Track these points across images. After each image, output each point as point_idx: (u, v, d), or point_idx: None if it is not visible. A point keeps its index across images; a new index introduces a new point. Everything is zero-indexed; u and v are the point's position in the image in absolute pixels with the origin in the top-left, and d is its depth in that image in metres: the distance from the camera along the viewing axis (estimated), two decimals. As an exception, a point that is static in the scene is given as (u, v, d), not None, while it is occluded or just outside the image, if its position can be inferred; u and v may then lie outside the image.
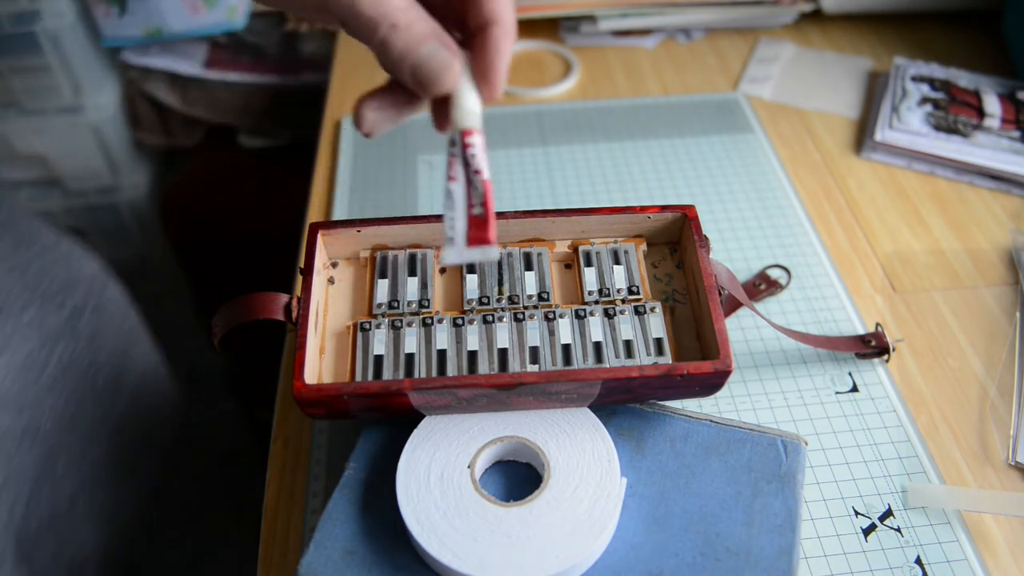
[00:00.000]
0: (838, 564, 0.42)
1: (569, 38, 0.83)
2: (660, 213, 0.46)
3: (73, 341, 0.52)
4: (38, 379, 0.49)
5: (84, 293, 0.55)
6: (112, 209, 1.02)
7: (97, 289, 0.57)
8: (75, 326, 0.53)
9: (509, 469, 0.42)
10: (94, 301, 0.56)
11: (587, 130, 0.71)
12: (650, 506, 0.40)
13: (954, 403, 0.50)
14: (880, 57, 0.79)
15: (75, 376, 0.52)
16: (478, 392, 0.40)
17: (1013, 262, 0.59)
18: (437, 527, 0.38)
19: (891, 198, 0.64)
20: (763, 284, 0.57)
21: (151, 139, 1.01)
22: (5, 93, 0.90)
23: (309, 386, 0.39)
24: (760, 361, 0.52)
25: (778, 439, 0.43)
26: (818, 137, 0.71)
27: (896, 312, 0.56)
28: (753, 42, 0.82)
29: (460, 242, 0.32)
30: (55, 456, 0.52)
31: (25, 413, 0.47)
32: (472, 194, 0.32)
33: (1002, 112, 0.67)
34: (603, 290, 0.45)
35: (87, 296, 0.55)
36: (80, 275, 0.55)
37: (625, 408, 0.44)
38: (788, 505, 0.40)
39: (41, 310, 0.50)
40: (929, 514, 0.44)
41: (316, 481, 0.47)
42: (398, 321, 0.44)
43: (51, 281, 0.52)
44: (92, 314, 0.55)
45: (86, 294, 0.55)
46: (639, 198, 0.64)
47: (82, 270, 0.56)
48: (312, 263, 0.43)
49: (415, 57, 0.31)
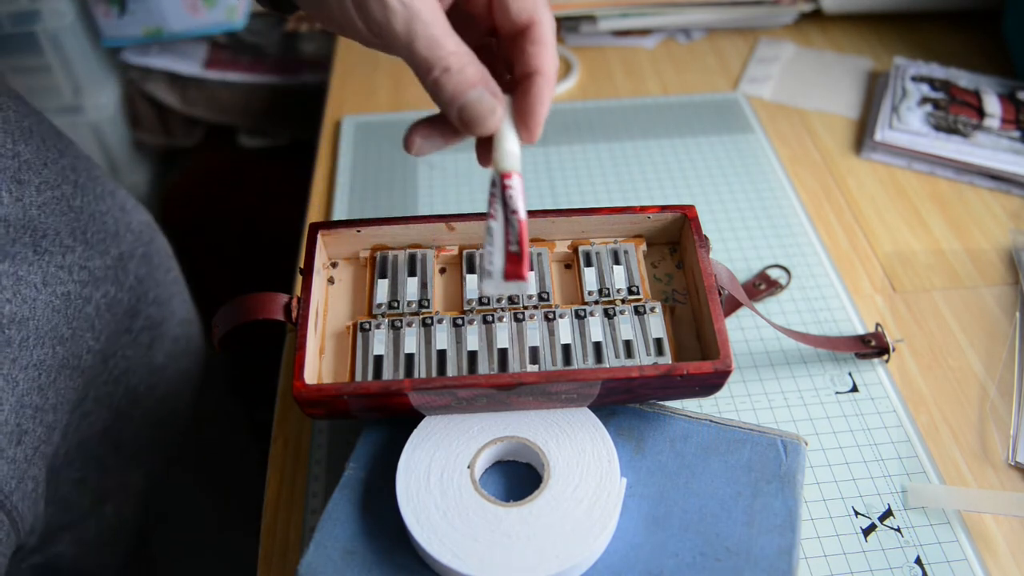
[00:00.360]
0: (838, 564, 0.42)
1: (569, 38, 0.83)
2: (660, 213, 0.46)
3: (116, 285, 0.55)
4: (76, 317, 0.51)
5: (133, 240, 0.58)
6: (112, 209, 1.02)
7: (146, 238, 0.60)
8: (121, 271, 0.56)
9: (509, 469, 0.42)
10: (142, 249, 0.59)
11: (587, 130, 0.71)
12: (650, 506, 0.40)
13: (954, 403, 0.50)
14: (880, 57, 0.79)
15: (115, 318, 0.55)
16: (478, 392, 0.40)
17: (1013, 262, 0.59)
18: (437, 527, 0.38)
19: (891, 198, 0.64)
20: (763, 284, 0.57)
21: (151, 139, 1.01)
22: (5, 93, 0.90)
23: (309, 386, 0.39)
24: (760, 361, 0.52)
25: (778, 439, 0.43)
26: (818, 137, 0.71)
27: (896, 312, 0.56)
28: (753, 42, 0.82)
29: (497, 276, 0.35)
30: (88, 388, 0.54)
31: (61, 348, 0.50)
32: (509, 232, 0.34)
33: (1002, 112, 0.67)
34: (603, 290, 0.45)
35: (135, 244, 0.58)
36: (131, 223, 0.58)
37: (625, 408, 0.44)
38: (788, 505, 0.40)
39: (85, 254, 0.52)
40: (929, 514, 0.44)
41: (316, 481, 0.47)
42: (398, 321, 0.44)
43: (100, 227, 0.54)
44: (140, 260, 0.58)
45: (135, 241, 0.58)
46: (639, 198, 0.64)
47: (133, 219, 0.59)
48: (312, 263, 0.43)
49: (463, 100, 0.34)
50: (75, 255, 0.51)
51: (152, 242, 0.61)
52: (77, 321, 0.51)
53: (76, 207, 0.51)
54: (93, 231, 0.53)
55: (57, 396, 0.50)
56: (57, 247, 0.49)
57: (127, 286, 0.57)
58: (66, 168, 0.51)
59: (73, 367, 0.52)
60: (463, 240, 0.47)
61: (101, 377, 0.56)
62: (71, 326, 0.51)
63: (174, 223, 1.04)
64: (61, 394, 0.51)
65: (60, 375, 0.50)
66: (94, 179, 0.55)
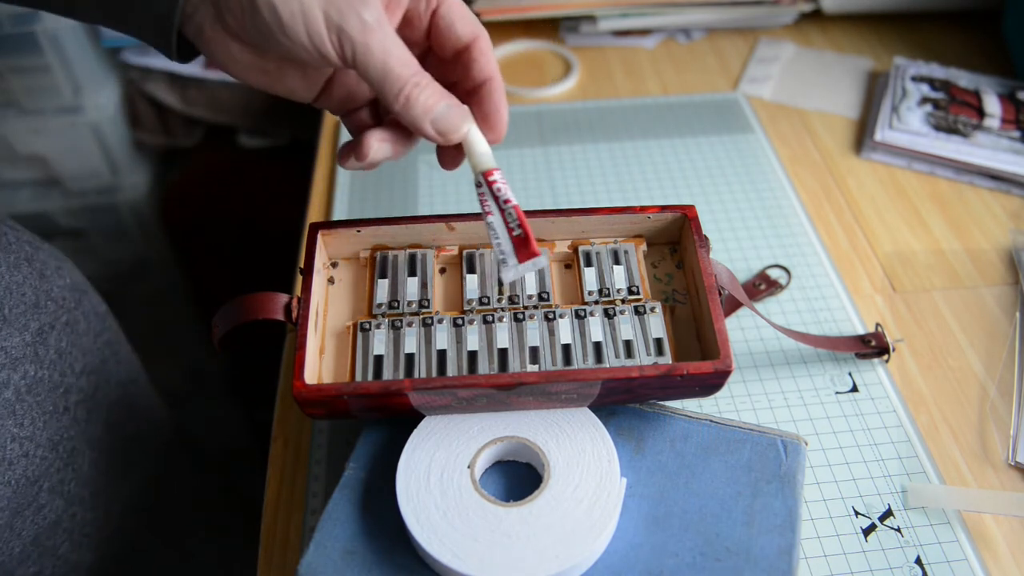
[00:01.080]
0: (838, 564, 0.42)
1: (569, 38, 0.83)
2: (660, 213, 0.46)
3: (36, 363, 0.50)
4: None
5: (55, 310, 0.52)
6: (112, 209, 1.02)
7: (71, 304, 0.55)
8: (40, 346, 0.51)
9: (509, 469, 0.42)
10: (65, 317, 0.54)
11: (587, 130, 0.71)
12: (650, 506, 0.40)
13: (954, 403, 0.50)
14: (880, 57, 0.79)
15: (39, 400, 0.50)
16: (478, 392, 0.40)
17: (1013, 262, 0.59)
18: (437, 527, 0.38)
19: (891, 198, 0.64)
20: (763, 284, 0.57)
21: (151, 139, 1.01)
22: (5, 93, 0.90)
23: (309, 386, 0.39)
24: (760, 361, 0.52)
25: (778, 439, 0.43)
26: (818, 137, 0.71)
27: (896, 312, 0.56)
28: (753, 42, 0.82)
29: (512, 261, 0.37)
30: (36, 480, 0.50)
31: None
32: (508, 219, 0.37)
33: (1002, 112, 0.67)
34: (603, 290, 0.45)
35: (57, 312, 0.53)
36: (52, 289, 0.53)
37: (625, 408, 0.44)
38: (788, 505, 0.40)
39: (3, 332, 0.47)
40: (929, 514, 0.44)
41: (316, 481, 0.47)
42: (398, 321, 0.44)
43: (19, 300, 0.49)
44: (62, 330, 0.53)
45: (56, 311, 0.53)
46: (639, 198, 0.64)
47: (55, 284, 0.53)
48: (312, 263, 0.43)
49: (435, 112, 0.37)
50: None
51: (78, 306, 0.56)
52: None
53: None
54: (11, 305, 0.48)
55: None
56: None
57: (47, 362, 0.51)
58: None
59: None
60: (463, 240, 0.47)
61: (54, 465, 0.52)
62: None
63: (174, 223, 1.04)
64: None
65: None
66: (5, 247, 0.50)
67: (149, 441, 0.65)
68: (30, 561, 0.52)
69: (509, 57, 0.81)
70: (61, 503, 0.53)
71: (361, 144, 0.39)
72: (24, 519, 0.50)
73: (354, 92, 0.41)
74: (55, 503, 0.52)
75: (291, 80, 0.39)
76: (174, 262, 1.10)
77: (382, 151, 0.39)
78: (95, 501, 0.57)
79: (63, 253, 0.58)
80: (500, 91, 0.39)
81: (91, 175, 0.98)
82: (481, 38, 0.39)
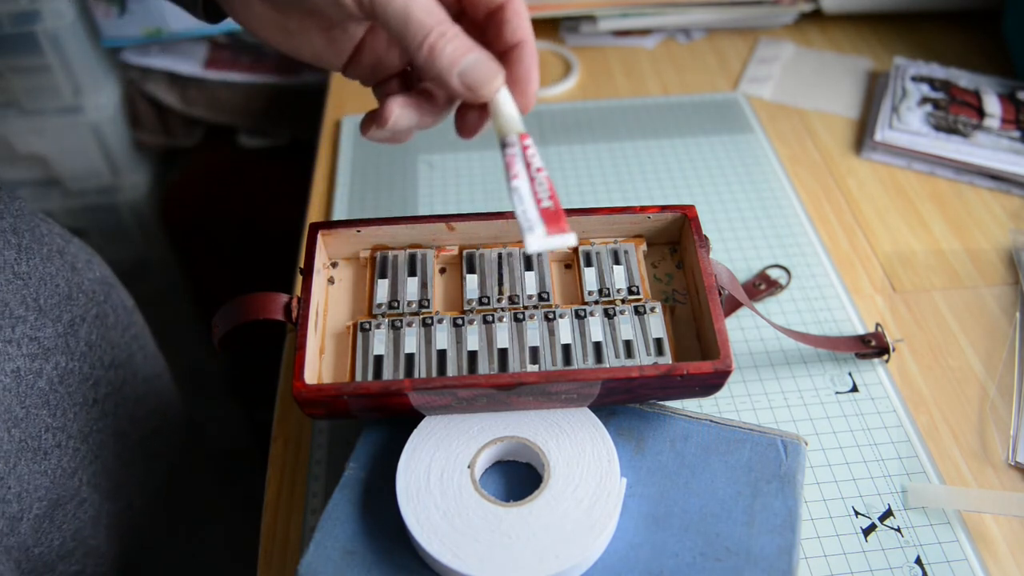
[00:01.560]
0: (838, 564, 0.42)
1: (569, 38, 0.83)
2: (660, 213, 0.46)
3: (67, 354, 0.50)
4: (28, 394, 0.47)
5: (85, 302, 0.53)
6: (112, 209, 1.02)
7: (100, 297, 0.55)
8: (71, 338, 0.51)
9: (509, 469, 0.42)
10: (95, 310, 0.54)
11: (587, 130, 0.71)
12: (650, 506, 0.40)
13: (954, 403, 0.50)
14: (880, 57, 0.79)
15: (70, 391, 0.51)
16: (478, 392, 0.40)
17: (1013, 262, 0.59)
18: (437, 527, 0.38)
19: (891, 198, 0.64)
20: (763, 284, 0.57)
21: (151, 139, 1.01)
22: (5, 93, 0.90)
23: (309, 386, 0.39)
24: (760, 361, 0.52)
25: (778, 439, 0.43)
26: (818, 137, 0.71)
27: (896, 312, 0.56)
28: (753, 42, 0.82)
29: (540, 231, 0.34)
30: (74, 473, 0.51)
31: (16, 430, 0.46)
32: (538, 189, 0.34)
33: (1002, 112, 0.67)
34: (603, 290, 0.45)
35: (88, 305, 0.53)
36: (83, 282, 0.53)
37: (625, 408, 0.44)
38: (788, 505, 0.40)
39: (37, 323, 0.48)
40: (929, 514, 0.44)
41: (316, 481, 0.47)
42: (398, 321, 0.44)
43: (52, 291, 0.50)
44: (92, 323, 0.54)
45: (87, 303, 0.53)
46: (639, 198, 0.64)
47: (85, 277, 0.54)
48: (312, 263, 0.43)
49: (464, 64, 0.34)
50: (26, 326, 0.47)
51: (107, 300, 0.57)
52: (30, 399, 0.47)
53: (23, 273, 0.47)
54: (46, 296, 0.49)
55: (20, 484, 0.46)
56: (6, 319, 0.45)
57: (78, 354, 0.52)
58: (6, 231, 0.47)
59: (34, 449, 0.47)
60: (463, 240, 0.47)
61: (87, 458, 0.52)
62: (24, 405, 0.46)
63: (174, 223, 1.04)
64: (24, 481, 0.47)
65: (20, 460, 0.46)
66: (39, 239, 0.50)
67: (170, 436, 0.65)
68: (73, 559, 0.52)
69: (509, 57, 0.81)
70: (98, 497, 0.53)
71: (383, 109, 0.37)
72: (66, 512, 0.50)
73: (383, 59, 0.39)
74: (93, 497, 0.53)
75: (317, 42, 0.37)
76: (174, 262, 1.10)
77: (404, 117, 0.37)
78: (118, 493, 0.57)
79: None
80: (534, 55, 0.36)
81: (91, 175, 0.98)
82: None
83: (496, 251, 0.46)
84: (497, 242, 0.47)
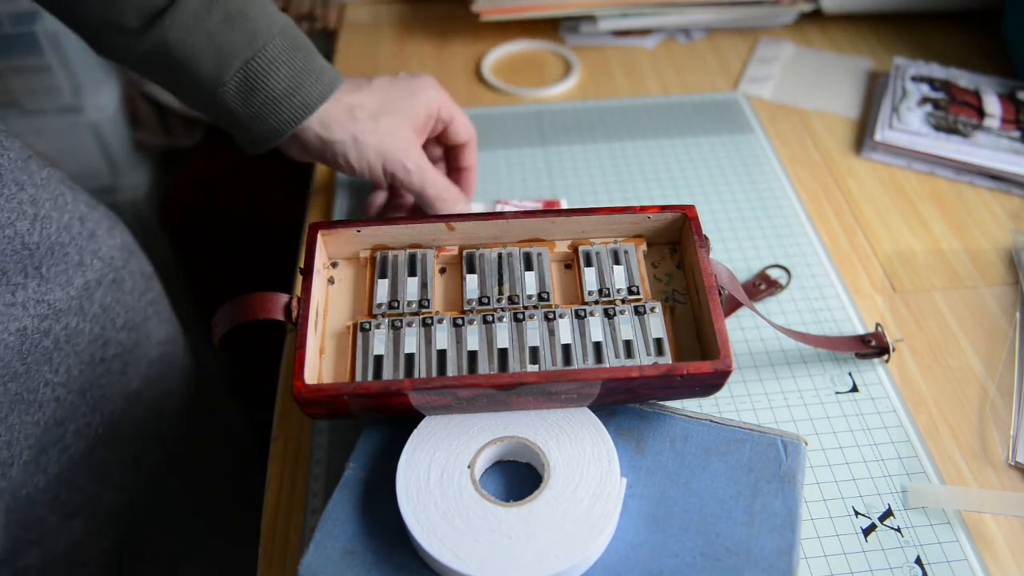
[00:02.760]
0: (838, 564, 0.42)
1: (569, 38, 0.83)
2: (660, 213, 0.46)
3: (79, 315, 0.54)
4: (32, 352, 0.50)
5: (101, 268, 0.57)
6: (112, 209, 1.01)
7: (118, 263, 0.59)
8: (86, 300, 0.55)
9: (509, 469, 0.42)
10: (112, 275, 0.58)
11: (587, 130, 0.71)
12: (650, 506, 0.40)
13: (954, 403, 0.50)
14: (880, 57, 0.79)
15: (77, 349, 0.54)
16: (478, 392, 0.40)
17: (1013, 262, 0.59)
18: (437, 527, 0.38)
19: (891, 198, 0.64)
20: (763, 284, 0.57)
21: (151, 139, 1.01)
22: (5, 93, 0.90)
23: (309, 386, 0.39)
24: (760, 361, 0.52)
25: (778, 439, 0.43)
26: (818, 137, 0.71)
27: (896, 312, 0.56)
28: (753, 42, 0.82)
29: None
30: (62, 422, 0.54)
31: (13, 384, 0.49)
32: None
33: (1002, 112, 0.67)
34: (603, 290, 0.45)
35: (104, 271, 0.57)
36: (99, 251, 0.57)
37: (625, 408, 0.44)
38: (788, 505, 0.40)
39: (41, 288, 0.51)
40: (929, 514, 0.44)
41: (316, 481, 0.47)
42: (398, 321, 0.44)
43: (60, 259, 0.52)
44: (108, 287, 0.57)
45: (103, 268, 0.57)
46: (639, 198, 0.64)
47: (104, 243, 0.58)
48: (312, 263, 0.43)
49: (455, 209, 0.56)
50: (27, 291, 0.50)
51: (125, 266, 0.60)
52: (32, 356, 0.50)
53: (31, 243, 0.50)
54: (49, 264, 0.52)
55: (10, 432, 0.50)
56: (4, 285, 0.48)
57: (90, 315, 0.55)
58: (24, 202, 0.49)
59: (29, 402, 0.51)
60: (463, 240, 0.47)
61: (80, 410, 0.56)
62: (25, 361, 0.50)
63: (174, 223, 1.04)
64: (15, 430, 0.50)
65: (13, 411, 0.50)
66: (60, 208, 0.53)
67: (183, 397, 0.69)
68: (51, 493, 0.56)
69: (509, 57, 0.81)
70: (85, 444, 0.57)
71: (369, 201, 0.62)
72: (49, 456, 0.54)
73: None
74: (79, 444, 0.57)
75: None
76: (174, 262, 1.10)
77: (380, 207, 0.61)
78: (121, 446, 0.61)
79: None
80: (475, 173, 0.61)
81: (91, 175, 0.98)
82: (472, 140, 0.59)
83: (496, 251, 0.47)
84: (497, 242, 0.47)
